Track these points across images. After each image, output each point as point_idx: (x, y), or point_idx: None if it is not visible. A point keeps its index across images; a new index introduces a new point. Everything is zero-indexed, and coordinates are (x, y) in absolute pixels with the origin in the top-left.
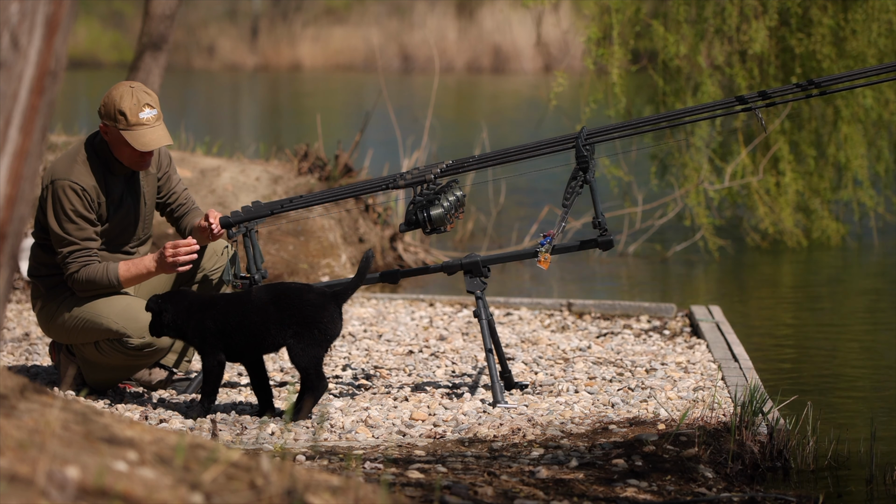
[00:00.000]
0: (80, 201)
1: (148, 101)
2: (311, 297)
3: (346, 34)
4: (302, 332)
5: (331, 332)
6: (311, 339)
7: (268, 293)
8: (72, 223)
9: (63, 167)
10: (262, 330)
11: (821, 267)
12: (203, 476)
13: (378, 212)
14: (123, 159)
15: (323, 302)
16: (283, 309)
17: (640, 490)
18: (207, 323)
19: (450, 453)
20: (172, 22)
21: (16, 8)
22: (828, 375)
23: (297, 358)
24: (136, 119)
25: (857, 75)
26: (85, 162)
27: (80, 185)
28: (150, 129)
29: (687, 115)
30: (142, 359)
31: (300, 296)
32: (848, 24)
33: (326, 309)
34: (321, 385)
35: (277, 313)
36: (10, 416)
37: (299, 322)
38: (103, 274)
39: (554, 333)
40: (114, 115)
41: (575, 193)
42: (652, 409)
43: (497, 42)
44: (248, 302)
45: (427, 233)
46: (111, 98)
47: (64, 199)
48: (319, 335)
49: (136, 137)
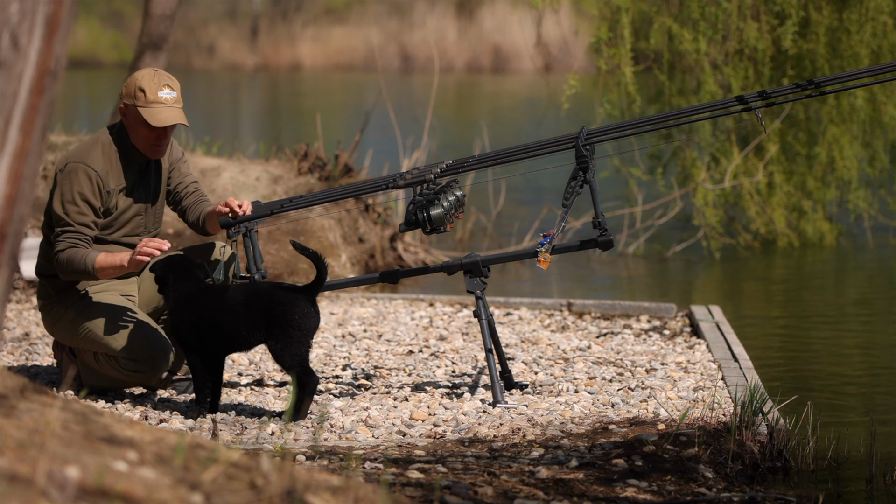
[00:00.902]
0: (89, 185)
1: (168, 83)
2: (281, 296)
3: (346, 34)
4: (276, 332)
5: (306, 328)
6: (287, 338)
7: (241, 293)
8: (74, 205)
9: (80, 151)
10: (233, 330)
11: (816, 267)
12: (203, 476)
13: (378, 212)
14: (139, 143)
15: (292, 298)
16: (255, 310)
17: (640, 490)
18: (185, 317)
19: (450, 453)
20: (172, 22)
21: (16, 8)
22: (827, 375)
23: (280, 359)
24: (154, 96)
25: (857, 75)
26: (103, 147)
27: (93, 169)
28: (167, 108)
29: (687, 115)
30: (136, 378)
31: (270, 296)
32: (842, 25)
33: (297, 305)
34: (311, 381)
35: (249, 314)
36: (10, 416)
37: (273, 323)
38: (82, 259)
39: (554, 333)
40: (133, 92)
41: (575, 193)
42: (652, 409)
43: (497, 42)
44: (224, 300)
45: (427, 233)
46: (133, 77)
47: (74, 179)
48: (295, 332)
49: (153, 114)
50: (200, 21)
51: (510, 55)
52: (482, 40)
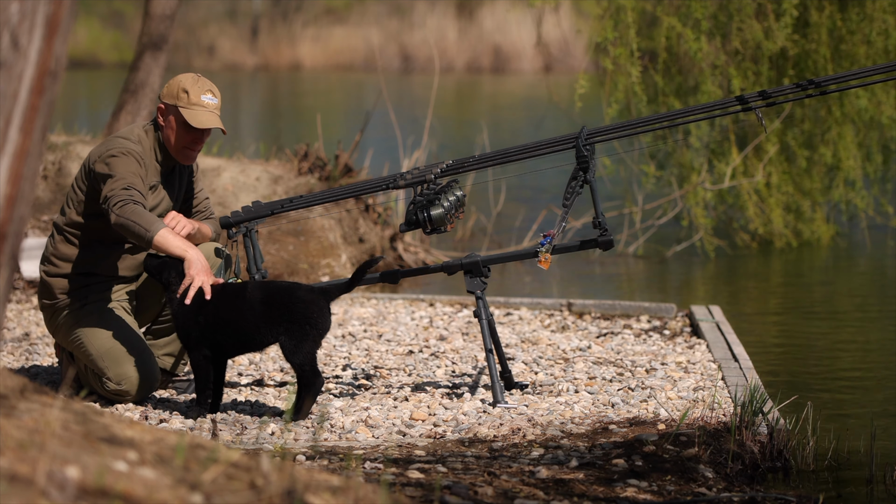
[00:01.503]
0: (138, 169)
1: (211, 89)
2: (301, 294)
3: (346, 34)
4: (293, 329)
5: (321, 327)
6: (303, 336)
7: (260, 291)
8: (136, 176)
9: (122, 142)
10: (251, 327)
11: (814, 267)
12: (203, 476)
13: (378, 212)
14: (172, 146)
15: (312, 298)
16: (273, 307)
17: (640, 490)
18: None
19: (450, 453)
20: (172, 22)
21: (16, 8)
22: (827, 375)
23: (292, 355)
24: (197, 99)
25: (857, 75)
26: (142, 139)
27: (142, 159)
28: (208, 112)
29: (687, 115)
30: (116, 399)
31: (290, 293)
32: (844, 25)
33: (316, 304)
34: (318, 381)
35: (268, 311)
36: (10, 416)
37: (290, 319)
38: (149, 221)
39: (554, 333)
40: (176, 93)
41: (575, 193)
42: (652, 409)
43: (497, 42)
44: (241, 298)
45: (427, 233)
46: (176, 79)
47: (128, 160)
48: (311, 331)
49: (194, 115)
50: (200, 21)
51: (510, 55)
52: (482, 40)
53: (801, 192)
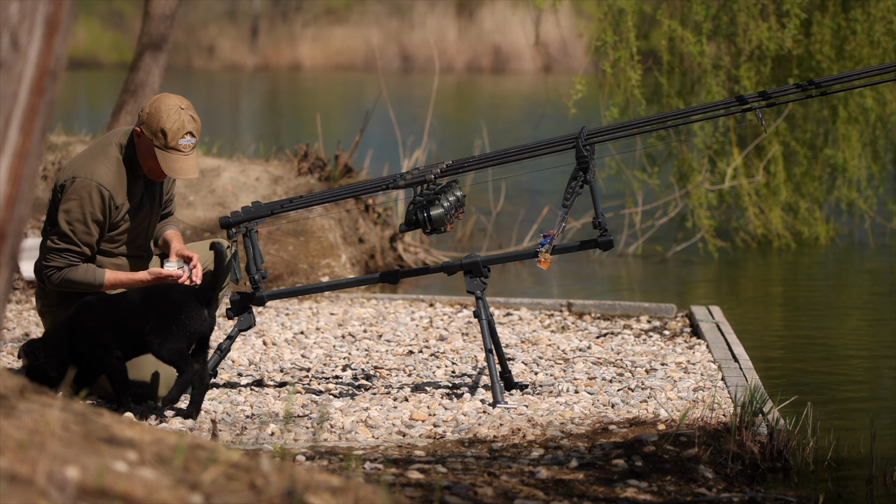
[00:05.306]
0: (101, 206)
1: (191, 130)
2: (173, 296)
3: (346, 34)
4: (161, 327)
5: (191, 328)
6: (169, 334)
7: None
8: (83, 225)
9: (90, 165)
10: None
11: (814, 267)
12: (203, 476)
13: (378, 212)
14: (144, 167)
15: (184, 299)
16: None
17: (640, 490)
18: (87, 324)
19: (450, 453)
20: (172, 22)
21: (16, 8)
22: (827, 375)
23: (159, 353)
24: (174, 143)
25: (858, 76)
26: (113, 162)
27: (106, 189)
28: (184, 158)
29: (687, 115)
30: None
31: (164, 295)
32: (848, 25)
33: (187, 306)
34: (189, 370)
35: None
36: (10, 416)
37: (159, 318)
38: (90, 274)
39: (554, 334)
40: (154, 131)
41: (575, 194)
42: (652, 409)
43: (497, 42)
44: (122, 302)
45: (427, 233)
46: (157, 111)
47: (87, 200)
48: (178, 330)
49: (169, 161)
50: (200, 21)
51: (510, 55)
52: (482, 40)
53: (800, 193)
